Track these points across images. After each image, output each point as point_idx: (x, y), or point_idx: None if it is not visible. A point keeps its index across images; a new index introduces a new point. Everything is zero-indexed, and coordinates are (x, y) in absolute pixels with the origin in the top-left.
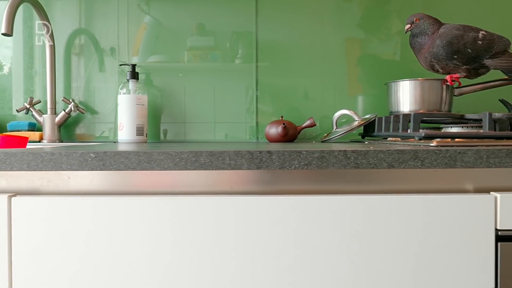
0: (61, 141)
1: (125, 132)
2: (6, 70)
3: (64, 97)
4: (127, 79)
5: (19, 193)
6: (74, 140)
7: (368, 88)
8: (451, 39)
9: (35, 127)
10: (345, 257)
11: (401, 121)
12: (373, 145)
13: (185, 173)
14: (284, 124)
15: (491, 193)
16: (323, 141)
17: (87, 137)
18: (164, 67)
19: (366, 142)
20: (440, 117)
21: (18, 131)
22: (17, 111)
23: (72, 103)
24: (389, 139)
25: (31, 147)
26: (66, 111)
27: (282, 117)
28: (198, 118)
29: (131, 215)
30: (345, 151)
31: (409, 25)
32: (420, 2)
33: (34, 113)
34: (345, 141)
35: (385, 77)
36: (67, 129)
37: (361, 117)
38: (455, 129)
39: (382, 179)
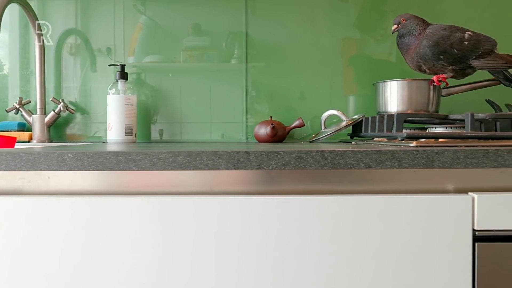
0: (51, 141)
1: (114, 132)
2: None
3: (53, 97)
4: (116, 79)
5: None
6: (65, 140)
7: (363, 88)
8: (437, 39)
9: (25, 127)
10: (326, 257)
11: (386, 122)
12: (352, 145)
13: (167, 173)
14: (273, 124)
15: (469, 193)
16: (312, 141)
17: (77, 137)
18: (160, 67)
19: (353, 143)
20: (424, 117)
21: (7, 131)
22: (6, 111)
23: (62, 103)
24: (375, 139)
25: (19, 147)
26: (56, 111)
27: (271, 117)
28: (194, 118)
29: (111, 215)
30: (322, 151)
31: (395, 26)
32: (416, 3)
33: (23, 113)
34: (335, 141)
35: (380, 78)
36: (58, 129)
37: (350, 117)
38: (439, 130)
39: (365, 179)
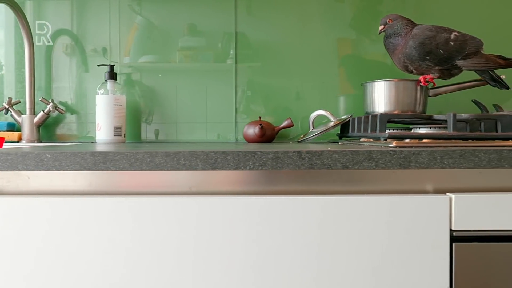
0: (40, 141)
1: (102, 132)
2: None
3: (42, 98)
4: (105, 80)
5: None
6: (55, 140)
7: (358, 88)
8: (423, 40)
9: (15, 127)
10: (306, 258)
11: (370, 122)
12: (334, 146)
13: (147, 173)
14: (261, 124)
15: (447, 194)
16: (300, 141)
17: (68, 137)
18: (155, 67)
19: (340, 143)
20: (408, 117)
21: None
22: None
23: (51, 103)
24: (361, 139)
25: (7, 147)
26: (45, 111)
27: (260, 117)
28: (190, 119)
29: (88, 215)
30: (299, 151)
31: (382, 26)
32: (411, 3)
33: (13, 113)
34: (324, 142)
35: (376, 78)
36: (48, 130)
37: (339, 117)
38: (423, 130)
39: (344, 179)
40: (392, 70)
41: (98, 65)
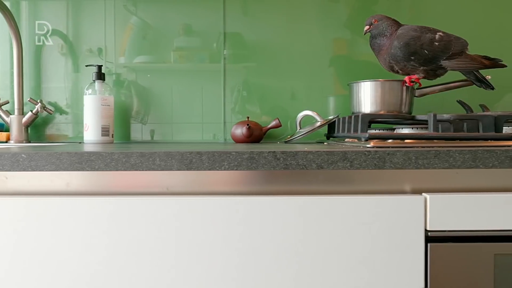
0: (29, 142)
1: (90, 132)
2: None
3: (31, 98)
4: (93, 80)
5: None
6: (44, 140)
7: None
8: (408, 40)
9: (3, 127)
10: (283, 258)
11: (353, 122)
12: (312, 146)
13: (124, 173)
14: (248, 125)
15: (423, 194)
16: (286, 141)
17: (56, 137)
18: (150, 67)
19: (325, 143)
20: (389, 118)
21: None
22: None
23: (39, 103)
24: (346, 140)
25: None
26: (33, 111)
27: (248, 117)
28: (185, 119)
29: (64, 215)
30: (274, 152)
31: (367, 27)
32: (407, 3)
33: (1, 113)
34: (311, 142)
35: (372, 78)
36: (38, 130)
37: (327, 117)
38: (406, 130)
39: (319, 179)
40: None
41: (86, 66)
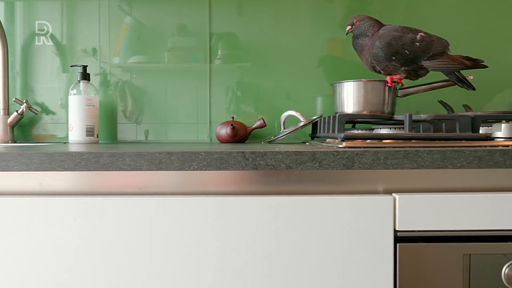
0: (15, 142)
1: (75, 132)
2: None
3: (16, 98)
4: (78, 80)
5: None
6: (30, 141)
7: None
8: (389, 40)
9: None
10: (252, 258)
11: (331, 122)
12: (288, 146)
13: (96, 173)
14: (233, 125)
15: (393, 194)
16: (270, 141)
17: (43, 137)
18: (145, 67)
19: (307, 143)
20: (366, 118)
21: None
22: None
23: (25, 104)
24: (327, 140)
25: None
26: (19, 112)
27: (233, 118)
28: (180, 119)
29: (34, 215)
30: (243, 152)
31: (349, 27)
32: (401, 3)
33: None
34: (296, 142)
35: (367, 78)
36: (24, 130)
37: (309, 118)
38: (384, 130)
39: (290, 179)
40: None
41: (71, 66)
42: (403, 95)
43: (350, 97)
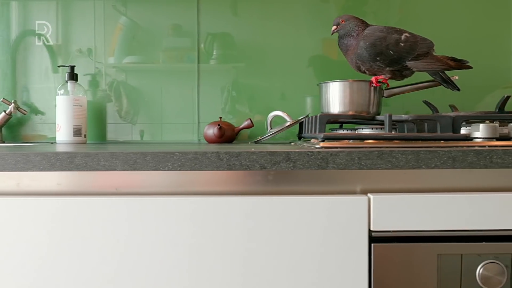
0: (3, 142)
1: (62, 133)
2: None
3: (3, 98)
4: (66, 80)
5: None
6: (19, 141)
7: None
8: (374, 40)
9: None
10: (229, 257)
11: (313, 123)
12: (254, 147)
13: (73, 173)
14: (219, 125)
15: (368, 194)
16: (256, 142)
17: (31, 137)
18: (140, 68)
19: (292, 144)
20: (347, 118)
21: None
22: None
23: (13, 104)
24: (312, 140)
25: None
26: (7, 112)
27: (220, 118)
28: (175, 119)
29: (11, 215)
30: (217, 152)
31: (334, 27)
32: (396, 3)
33: None
34: (284, 142)
35: (361, 78)
36: (13, 130)
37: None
38: (366, 131)
39: (267, 180)
40: None
41: (58, 66)
42: (388, 95)
43: (336, 97)
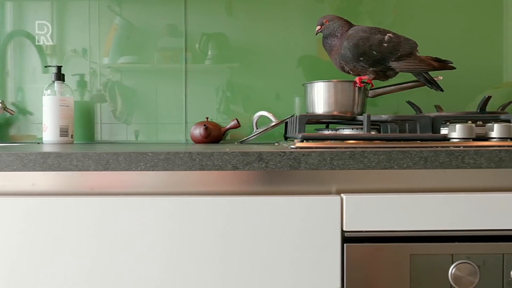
0: None
1: (48, 133)
2: None
3: None
4: (53, 81)
5: None
6: (6, 141)
7: None
8: (357, 41)
9: None
10: (199, 257)
11: (294, 123)
12: (231, 147)
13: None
14: (205, 125)
15: (341, 195)
16: (242, 142)
17: (19, 138)
18: (134, 68)
19: (276, 144)
20: (327, 118)
21: None
22: None
23: (0, 104)
24: (295, 140)
25: None
26: None
27: (207, 118)
28: (169, 119)
29: None
30: (190, 152)
31: (319, 27)
32: (391, 3)
33: None
34: (272, 142)
35: (348, 78)
36: (1, 130)
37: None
38: (347, 131)
39: (237, 180)
40: None
41: (45, 66)
42: (373, 95)
43: (320, 97)
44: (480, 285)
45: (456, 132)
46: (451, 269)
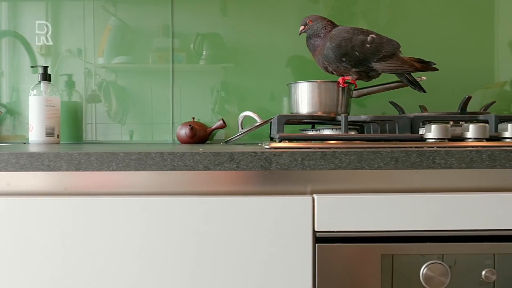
0: None
1: (34, 133)
2: None
3: None
4: (39, 81)
5: None
6: None
7: None
8: (339, 41)
9: None
10: (168, 258)
11: (276, 123)
12: (210, 147)
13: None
14: (191, 125)
15: (314, 195)
16: (227, 142)
17: (7, 138)
18: (129, 68)
19: (259, 144)
20: (306, 119)
21: None
22: None
23: None
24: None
25: None
26: None
27: (193, 118)
28: (164, 119)
29: None
30: (161, 153)
31: (302, 27)
32: (386, 4)
33: None
34: (254, 142)
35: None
36: None
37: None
38: (326, 131)
39: (208, 180)
40: None
41: (31, 66)
42: (358, 95)
43: (305, 97)
44: (452, 285)
45: (432, 132)
46: (423, 269)
